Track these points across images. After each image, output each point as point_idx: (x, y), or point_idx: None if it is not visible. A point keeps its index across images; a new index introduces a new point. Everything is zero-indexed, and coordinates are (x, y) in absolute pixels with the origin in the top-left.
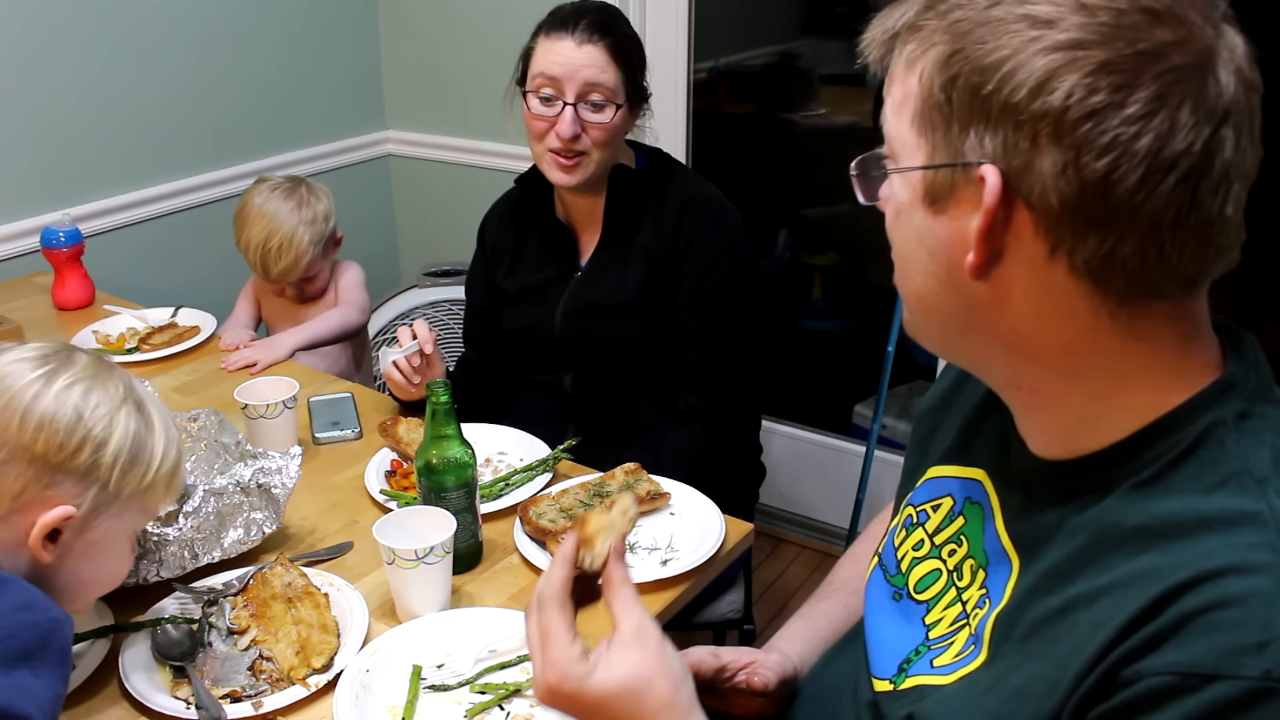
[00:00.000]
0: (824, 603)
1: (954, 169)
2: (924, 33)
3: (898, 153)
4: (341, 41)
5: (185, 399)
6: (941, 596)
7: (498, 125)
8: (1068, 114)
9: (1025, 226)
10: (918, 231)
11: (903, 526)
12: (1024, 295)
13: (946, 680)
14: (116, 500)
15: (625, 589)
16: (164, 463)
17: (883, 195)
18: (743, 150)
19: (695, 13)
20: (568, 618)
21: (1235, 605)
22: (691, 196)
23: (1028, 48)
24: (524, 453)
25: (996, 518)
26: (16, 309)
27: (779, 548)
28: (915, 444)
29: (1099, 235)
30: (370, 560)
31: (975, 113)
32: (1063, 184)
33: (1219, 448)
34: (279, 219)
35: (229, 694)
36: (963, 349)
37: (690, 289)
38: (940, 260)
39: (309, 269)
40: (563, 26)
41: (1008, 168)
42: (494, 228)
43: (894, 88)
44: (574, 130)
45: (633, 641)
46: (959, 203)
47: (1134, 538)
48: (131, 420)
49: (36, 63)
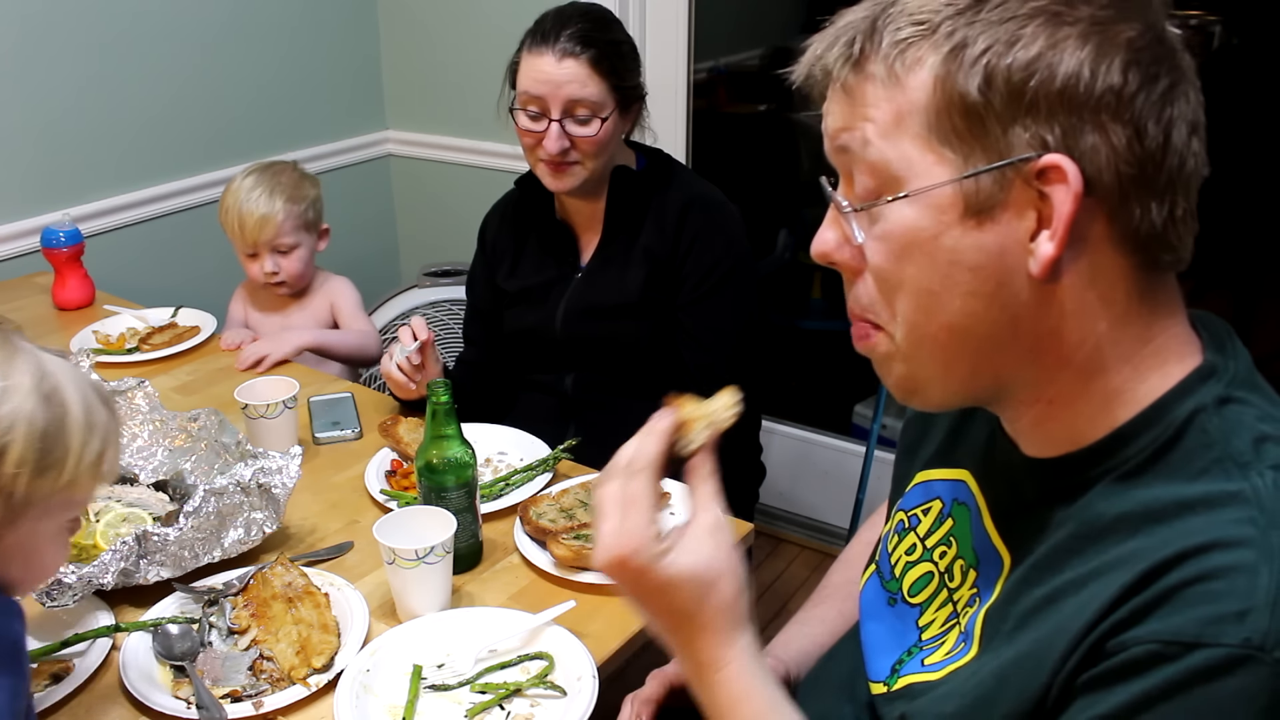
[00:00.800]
0: (819, 608)
1: (1002, 170)
2: (916, 44)
3: (903, 175)
4: (341, 41)
5: (185, 399)
6: (934, 599)
7: (498, 125)
8: (1125, 89)
9: (1091, 210)
10: (952, 253)
11: (895, 532)
12: (1073, 288)
13: (936, 677)
14: (30, 506)
15: (711, 481)
16: (84, 456)
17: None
18: (743, 150)
19: (695, 13)
20: (657, 491)
21: (1219, 577)
22: (693, 197)
23: (1062, 35)
24: (524, 453)
25: (984, 516)
26: (16, 309)
27: (779, 548)
28: (903, 449)
29: (1158, 202)
30: (370, 560)
31: (1021, 108)
32: (1130, 157)
33: (1202, 434)
34: (258, 177)
35: (229, 694)
36: (991, 374)
37: (692, 290)
38: (988, 274)
39: (287, 230)
40: (543, 41)
41: (1075, 153)
42: (494, 228)
43: (873, 110)
44: (560, 145)
45: (710, 535)
46: (1008, 206)
47: (1119, 525)
48: (38, 417)
49: (37, 63)
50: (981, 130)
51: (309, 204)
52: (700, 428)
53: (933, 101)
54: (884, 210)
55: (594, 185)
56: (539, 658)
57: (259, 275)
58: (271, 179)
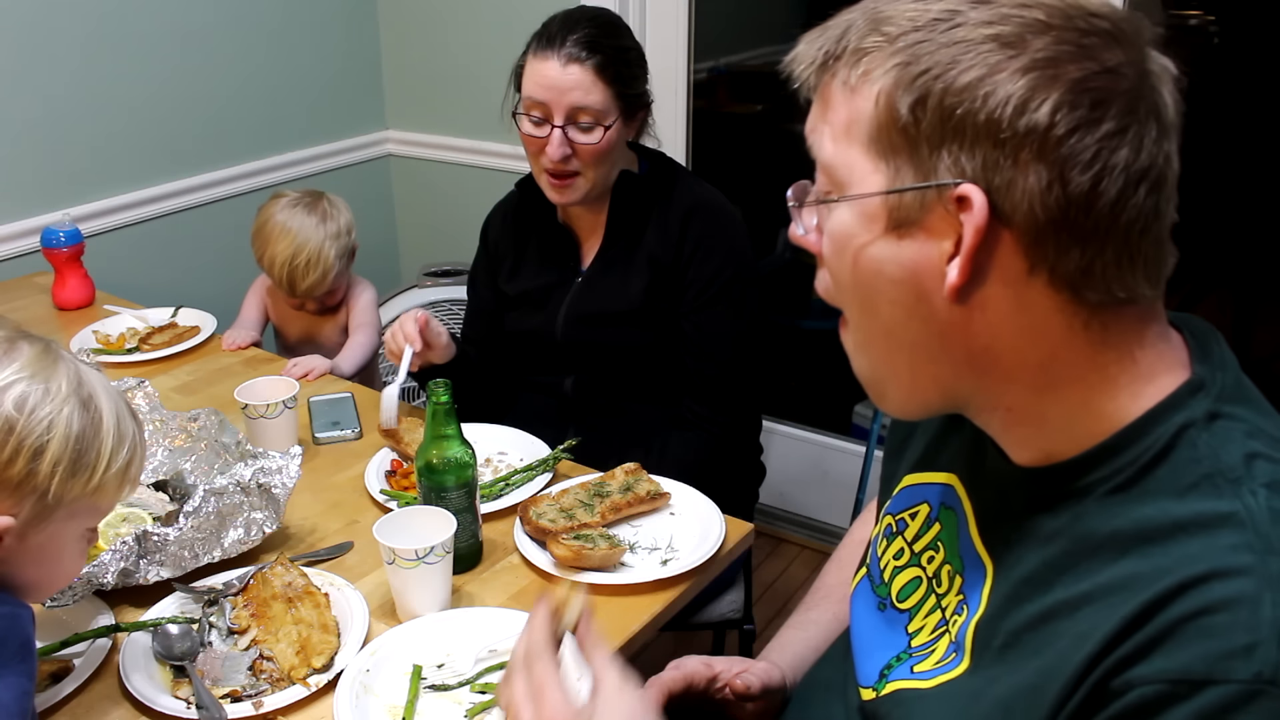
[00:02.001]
0: (813, 611)
1: (924, 191)
2: (872, 56)
3: (845, 181)
4: (341, 41)
5: (185, 399)
6: (922, 604)
7: (498, 125)
8: (1052, 130)
9: (1004, 244)
10: (877, 261)
11: (883, 536)
12: (997, 314)
13: (927, 685)
14: (60, 507)
15: (602, 646)
16: (113, 462)
17: (809, 228)
18: (743, 150)
19: (695, 13)
20: (558, 671)
21: (1221, 610)
22: (696, 203)
23: (1002, 67)
24: (524, 453)
25: (970, 523)
26: (16, 309)
27: (779, 548)
28: (890, 452)
29: (1080, 248)
30: (370, 560)
31: (949, 133)
32: (1048, 199)
33: (1191, 449)
34: (304, 234)
35: (229, 694)
36: (932, 381)
37: (694, 297)
38: (907, 287)
39: (334, 282)
40: (549, 45)
41: (989, 186)
42: (497, 228)
43: (832, 113)
44: (563, 152)
45: (620, 693)
46: (928, 226)
47: (1110, 543)
48: (75, 421)
49: (37, 63)
50: (912, 149)
51: (351, 247)
52: (574, 604)
53: (876, 113)
54: (829, 210)
55: (597, 195)
56: None
57: (296, 307)
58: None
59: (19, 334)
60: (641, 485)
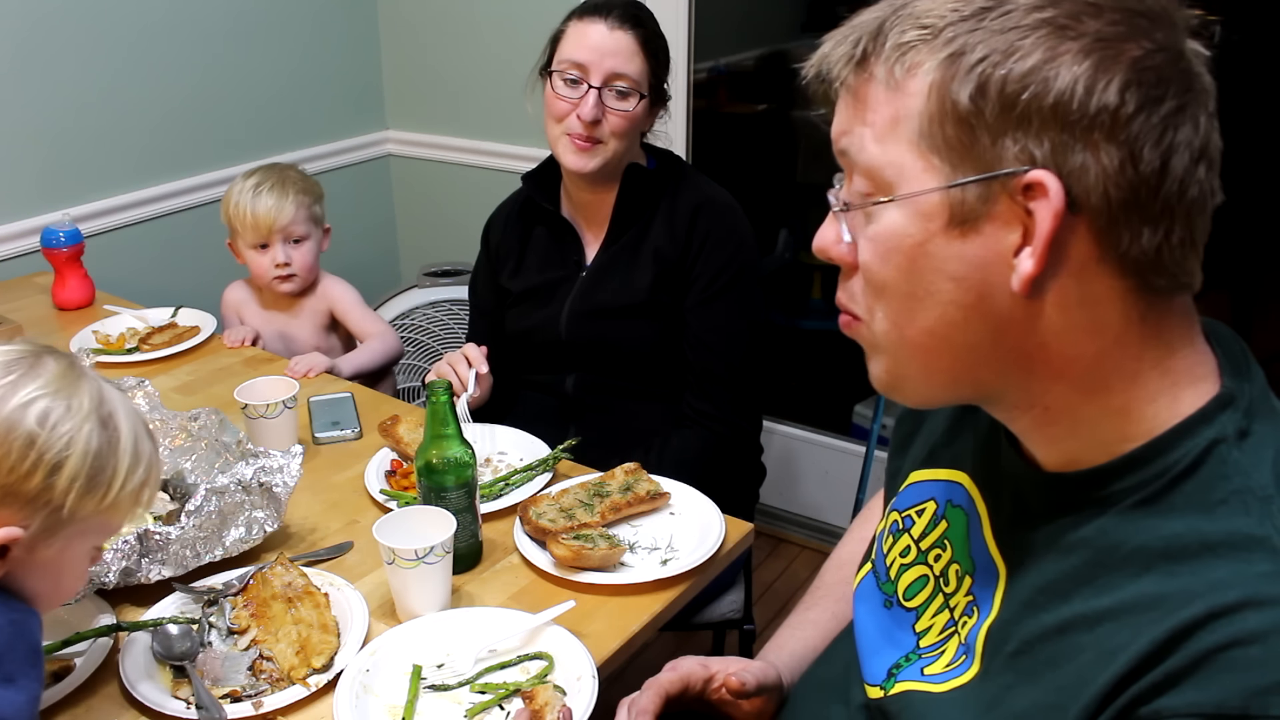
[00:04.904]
0: (811, 611)
1: (988, 183)
2: (917, 49)
3: (894, 180)
4: (341, 42)
5: (185, 399)
6: (929, 603)
7: (498, 125)
8: (1122, 109)
9: (1076, 230)
10: (936, 260)
11: (889, 532)
12: (1060, 306)
13: (938, 689)
14: (72, 522)
15: None
16: (128, 482)
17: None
18: (743, 150)
19: (695, 13)
20: None
21: (1256, 642)
22: (704, 200)
23: (1063, 50)
24: (524, 453)
25: (984, 525)
26: (16, 309)
27: (779, 548)
28: (896, 447)
29: (1151, 229)
30: (370, 560)
31: (1012, 121)
32: (1121, 180)
33: (1220, 465)
34: (265, 173)
35: (229, 694)
36: (970, 382)
37: (700, 292)
38: (969, 285)
39: (300, 220)
40: (596, 12)
41: (1061, 171)
42: (499, 229)
43: (872, 113)
44: (595, 114)
45: None
46: (993, 219)
47: (1135, 558)
48: (94, 439)
49: (37, 63)
50: (971, 140)
51: (315, 199)
52: (554, 707)
53: (926, 108)
54: (875, 212)
55: (610, 173)
56: (539, 658)
57: (267, 268)
58: (279, 174)
59: (45, 350)
60: (641, 485)
